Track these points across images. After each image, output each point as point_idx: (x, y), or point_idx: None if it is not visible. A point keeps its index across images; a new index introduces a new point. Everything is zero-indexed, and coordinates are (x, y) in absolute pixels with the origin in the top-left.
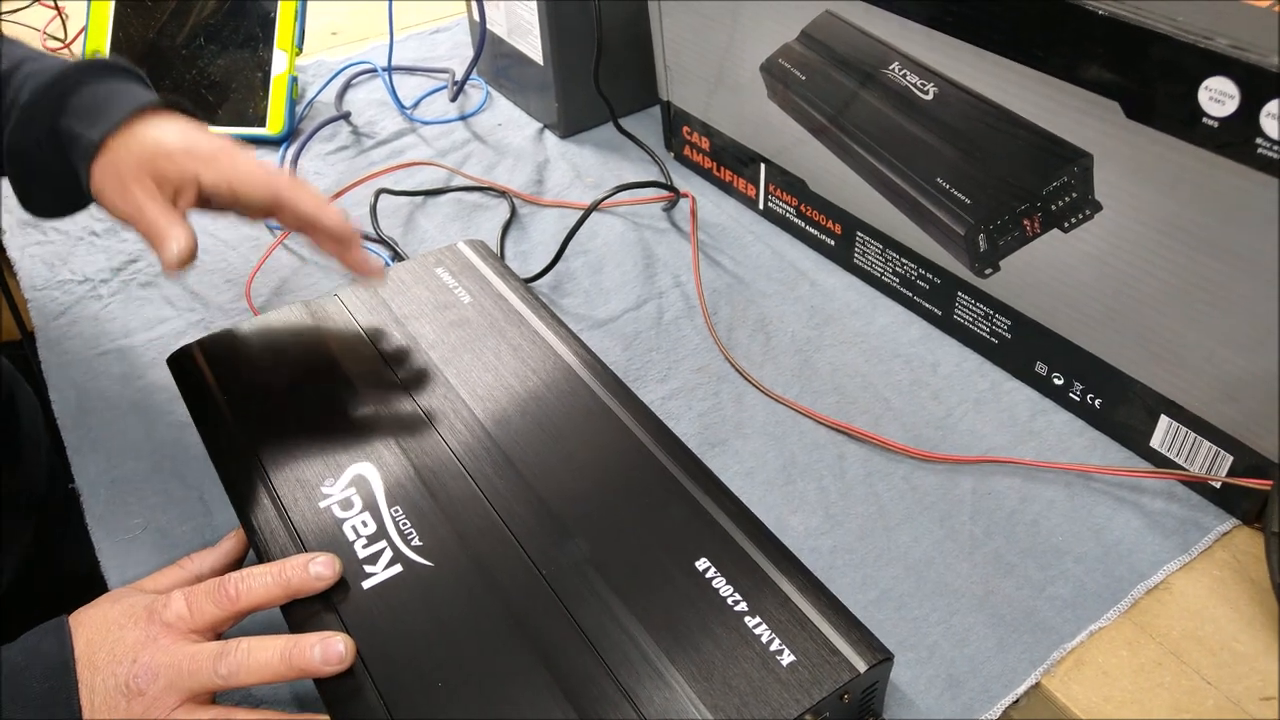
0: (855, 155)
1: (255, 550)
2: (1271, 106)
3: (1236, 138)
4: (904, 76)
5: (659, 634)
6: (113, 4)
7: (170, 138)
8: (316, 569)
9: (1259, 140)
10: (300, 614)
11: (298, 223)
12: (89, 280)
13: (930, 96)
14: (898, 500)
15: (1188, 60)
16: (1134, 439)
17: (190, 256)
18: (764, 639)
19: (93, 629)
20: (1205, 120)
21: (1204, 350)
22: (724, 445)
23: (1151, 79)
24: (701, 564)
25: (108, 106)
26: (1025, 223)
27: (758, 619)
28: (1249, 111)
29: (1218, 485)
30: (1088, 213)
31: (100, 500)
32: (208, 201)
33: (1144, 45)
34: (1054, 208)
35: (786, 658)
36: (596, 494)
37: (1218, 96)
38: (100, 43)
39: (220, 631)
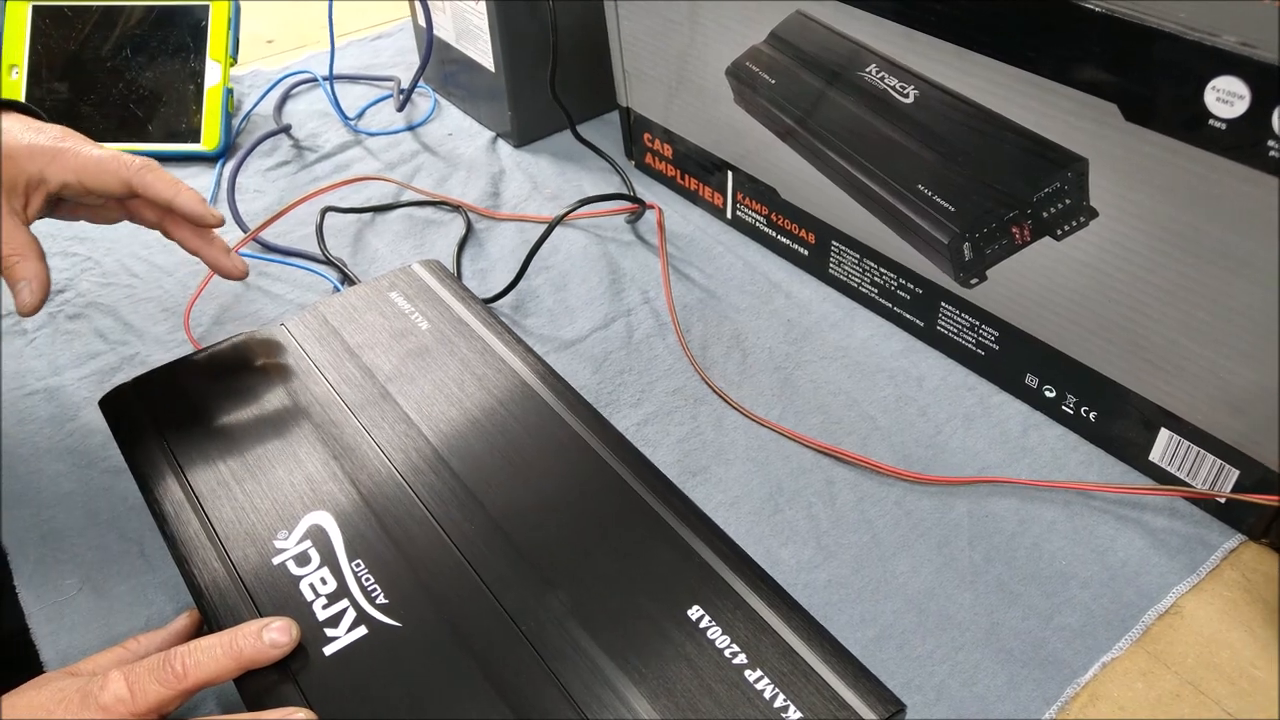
0: (830, 161)
1: (202, 614)
2: None
3: (1245, 140)
4: (882, 79)
5: (654, 695)
6: (30, 14)
7: (10, 139)
8: (271, 636)
9: (1270, 143)
10: (255, 687)
11: (155, 212)
12: (12, 314)
13: (911, 100)
14: (892, 527)
15: (1193, 59)
16: (1132, 453)
17: (44, 296)
18: (767, 694)
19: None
20: (1212, 122)
21: (1207, 361)
22: (705, 473)
23: (1153, 79)
24: (694, 612)
25: None
26: (1014, 230)
27: (759, 672)
28: (1260, 112)
29: (1222, 500)
30: (1082, 220)
31: (29, 558)
32: (59, 202)
33: (1145, 44)
34: (1045, 215)
35: (793, 714)
36: (575, 536)
37: (1226, 97)
38: (17, 56)
39: (166, 713)
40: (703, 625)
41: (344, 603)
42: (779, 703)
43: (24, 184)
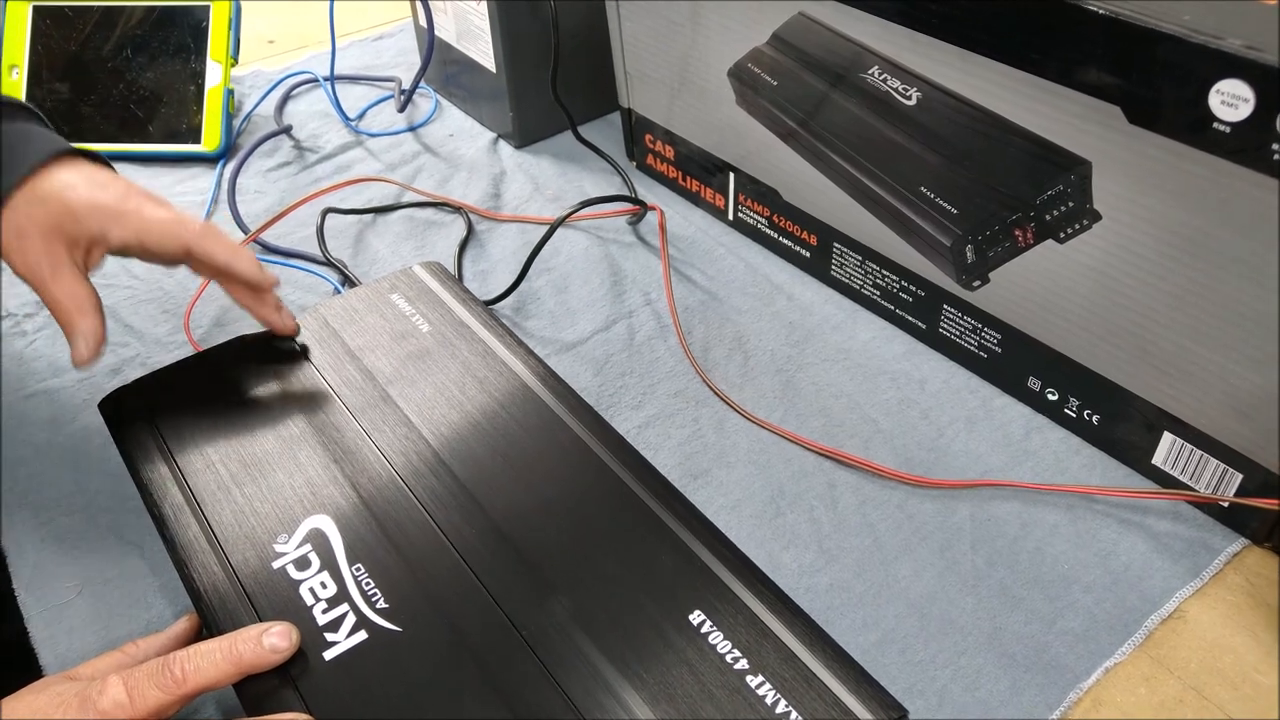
0: (832, 164)
1: (202, 618)
2: None
3: (1250, 144)
4: (884, 81)
5: (654, 700)
6: (30, 14)
7: (76, 195)
8: (271, 641)
9: (1275, 146)
10: (255, 692)
11: (212, 272)
12: (12, 315)
13: (913, 102)
14: (894, 531)
15: (1197, 62)
16: (1135, 456)
17: (99, 351)
18: (769, 700)
19: None
20: (1216, 125)
21: (1211, 365)
22: (707, 476)
23: (1157, 82)
24: (695, 617)
25: (11, 154)
26: (1017, 233)
27: (760, 678)
28: (1264, 116)
29: (1226, 504)
30: (1085, 223)
31: (28, 561)
32: (119, 251)
33: (1149, 47)
34: (1049, 217)
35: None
36: (577, 540)
37: (1230, 100)
38: (17, 56)
39: (165, 718)
40: (704, 630)
41: (344, 607)
42: (781, 708)
43: (86, 240)
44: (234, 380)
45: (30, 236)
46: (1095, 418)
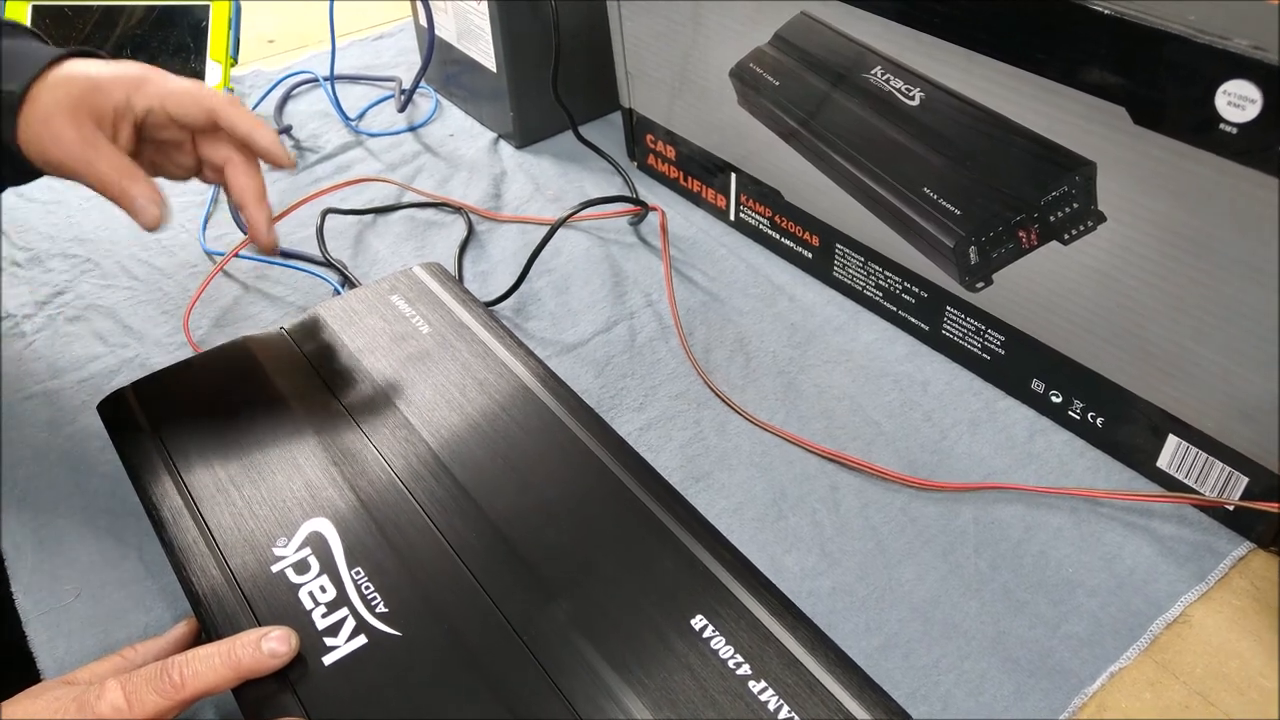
0: (834, 164)
1: (200, 623)
2: None
3: (1257, 145)
4: (887, 81)
5: (656, 705)
6: (30, 14)
7: (98, 70)
8: (270, 645)
9: None
10: (254, 697)
11: (225, 152)
12: (11, 316)
13: (916, 102)
14: (897, 534)
15: (1204, 63)
16: (1139, 459)
17: (165, 211)
18: (771, 706)
19: None
20: (1223, 126)
21: (1217, 368)
22: (708, 479)
23: (1163, 83)
24: (697, 622)
25: (21, 60)
26: (1021, 234)
27: (763, 683)
28: (1272, 117)
29: (1231, 508)
30: (1090, 224)
31: (27, 564)
32: (140, 143)
33: (1155, 47)
34: (1053, 219)
35: None
36: (577, 543)
37: (1237, 101)
38: None
39: None
40: (706, 635)
41: (343, 611)
42: (783, 714)
43: (111, 112)
44: (233, 382)
45: (57, 117)
46: (1099, 420)
